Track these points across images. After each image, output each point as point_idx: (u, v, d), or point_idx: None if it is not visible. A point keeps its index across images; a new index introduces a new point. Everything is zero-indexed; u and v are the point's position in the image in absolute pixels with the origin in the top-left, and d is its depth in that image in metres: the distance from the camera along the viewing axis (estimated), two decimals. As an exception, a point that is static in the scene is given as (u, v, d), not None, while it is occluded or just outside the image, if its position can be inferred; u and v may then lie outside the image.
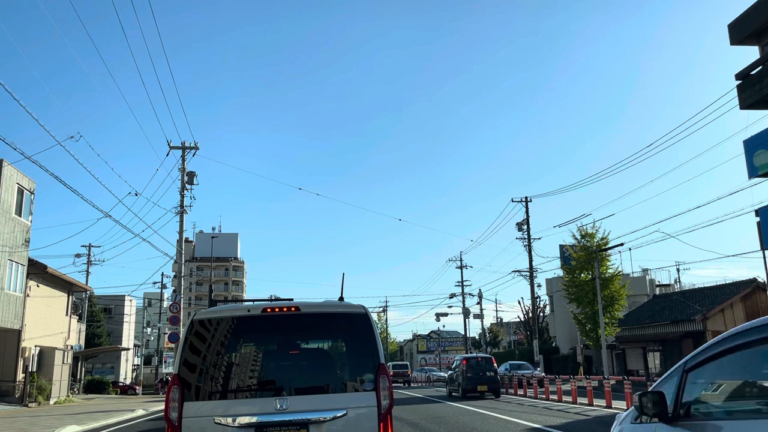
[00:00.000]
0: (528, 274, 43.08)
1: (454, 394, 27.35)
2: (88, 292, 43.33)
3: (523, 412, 17.67)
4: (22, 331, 27.41)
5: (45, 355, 29.80)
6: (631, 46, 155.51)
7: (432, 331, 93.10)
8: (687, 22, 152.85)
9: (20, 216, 27.05)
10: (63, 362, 31.31)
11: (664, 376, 3.97)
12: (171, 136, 60.69)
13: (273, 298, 12.38)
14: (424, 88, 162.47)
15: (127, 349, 58.23)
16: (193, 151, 32.47)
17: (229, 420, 5.11)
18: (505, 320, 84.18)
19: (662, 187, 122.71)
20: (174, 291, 47.72)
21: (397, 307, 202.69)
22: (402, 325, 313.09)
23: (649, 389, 3.79)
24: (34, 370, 28.44)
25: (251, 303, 6.01)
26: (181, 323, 29.66)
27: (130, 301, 60.54)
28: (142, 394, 45.99)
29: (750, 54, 22.58)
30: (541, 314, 53.94)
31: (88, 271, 47.21)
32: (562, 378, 25.74)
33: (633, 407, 3.96)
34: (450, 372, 30.38)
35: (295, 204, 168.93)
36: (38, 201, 42.71)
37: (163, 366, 42.69)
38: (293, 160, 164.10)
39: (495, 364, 27.29)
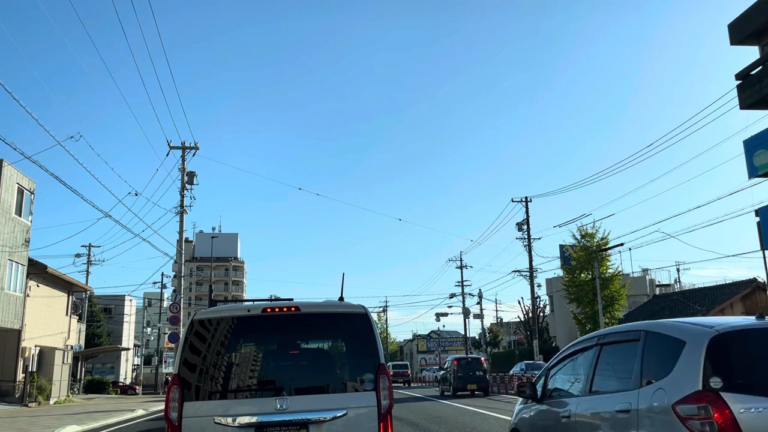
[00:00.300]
0: (528, 274, 43.06)
1: (446, 393, 27.69)
2: (88, 292, 43.32)
3: (523, 412, 17.65)
4: (22, 331, 27.41)
5: (45, 355, 29.79)
6: (631, 46, 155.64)
7: (432, 331, 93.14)
8: (687, 22, 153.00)
9: (20, 216, 27.04)
10: (63, 362, 31.30)
11: (538, 374, 6.30)
12: (171, 136, 60.68)
13: (273, 298, 12.38)
14: (424, 88, 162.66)
15: (127, 349, 58.23)
16: (193, 151, 32.49)
17: (229, 420, 5.10)
18: (505, 320, 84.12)
19: (662, 187, 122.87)
20: (174, 291, 47.72)
21: (397, 307, 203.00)
22: (402, 325, 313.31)
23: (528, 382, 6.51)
24: (34, 370, 28.43)
25: (251, 303, 5.99)
26: (181, 323, 29.66)
27: (130, 301, 60.54)
28: (142, 394, 46.00)
29: (750, 54, 22.60)
30: (541, 314, 53.91)
31: (88, 271, 47.23)
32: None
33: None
34: (442, 372, 30.85)
35: (295, 204, 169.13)
36: (38, 201, 42.67)
37: (163, 366, 42.69)
38: (293, 160, 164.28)
39: (484, 365, 28.22)
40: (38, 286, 29.51)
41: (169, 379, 5.66)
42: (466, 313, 60.48)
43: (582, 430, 4.74)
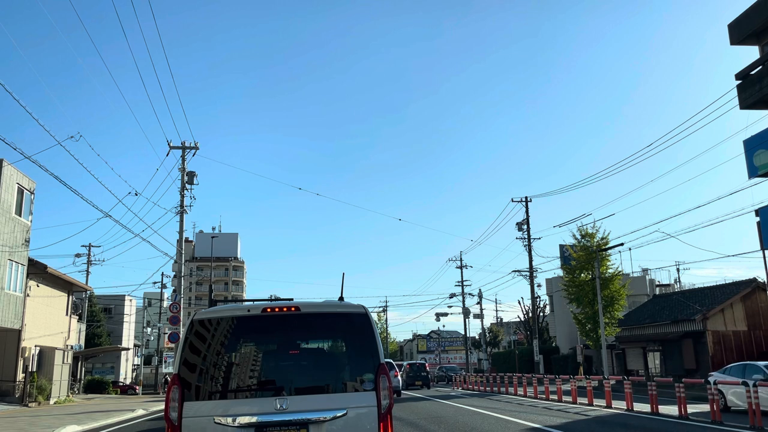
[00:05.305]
0: (528, 274, 43.08)
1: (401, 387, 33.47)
2: (88, 292, 43.30)
3: (523, 412, 17.67)
4: (22, 331, 27.41)
5: (45, 355, 29.77)
6: (631, 46, 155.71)
7: (432, 331, 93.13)
8: (687, 22, 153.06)
9: (20, 216, 27.04)
10: (63, 362, 31.28)
11: None
12: (171, 136, 60.77)
13: (273, 298, 12.36)
14: (424, 88, 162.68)
15: (127, 349, 58.18)
16: (193, 151, 32.42)
17: (229, 420, 5.10)
18: (505, 320, 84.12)
19: (662, 187, 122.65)
20: (174, 291, 47.73)
21: (397, 307, 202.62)
22: (402, 325, 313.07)
23: None
24: (34, 370, 28.42)
25: (251, 303, 5.97)
26: (181, 323, 29.66)
27: (130, 301, 60.51)
28: (142, 393, 45.99)
29: (750, 54, 22.63)
30: (541, 314, 53.94)
31: (88, 271, 47.17)
32: (562, 378, 25.75)
33: None
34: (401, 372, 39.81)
35: (295, 204, 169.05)
36: (38, 201, 42.65)
37: (163, 366, 42.69)
38: (293, 160, 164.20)
39: (428, 368, 40.16)
40: (38, 286, 29.50)
41: (169, 379, 5.64)
42: (466, 313, 60.51)
43: None
